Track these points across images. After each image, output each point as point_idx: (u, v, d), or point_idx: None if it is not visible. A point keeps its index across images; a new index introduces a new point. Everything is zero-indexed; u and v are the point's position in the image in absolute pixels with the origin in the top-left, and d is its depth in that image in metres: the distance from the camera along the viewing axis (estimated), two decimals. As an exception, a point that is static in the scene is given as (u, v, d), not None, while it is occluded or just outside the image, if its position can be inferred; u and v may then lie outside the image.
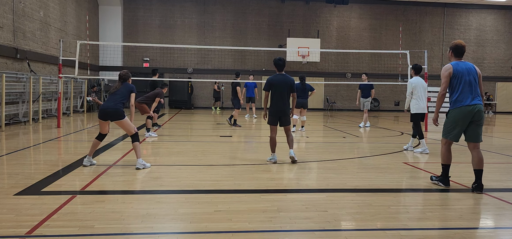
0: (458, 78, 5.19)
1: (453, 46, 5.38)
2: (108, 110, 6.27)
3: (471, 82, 5.17)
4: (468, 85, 5.16)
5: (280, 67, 6.97)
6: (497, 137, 12.24)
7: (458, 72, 5.19)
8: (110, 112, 6.27)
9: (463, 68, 5.22)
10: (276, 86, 6.88)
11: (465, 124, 5.19)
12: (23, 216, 3.89)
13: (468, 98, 5.12)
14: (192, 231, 3.64)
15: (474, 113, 5.12)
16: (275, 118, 6.98)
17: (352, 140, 10.62)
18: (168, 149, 8.32)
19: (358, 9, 25.32)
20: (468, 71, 5.21)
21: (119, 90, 6.50)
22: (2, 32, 12.65)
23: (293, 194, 5.01)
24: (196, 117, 17.56)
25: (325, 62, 24.94)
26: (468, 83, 5.16)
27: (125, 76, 6.73)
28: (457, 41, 5.35)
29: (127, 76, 6.76)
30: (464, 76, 5.18)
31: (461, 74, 5.18)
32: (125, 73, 6.76)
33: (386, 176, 6.07)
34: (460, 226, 3.93)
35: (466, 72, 5.20)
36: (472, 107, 5.10)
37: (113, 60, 22.62)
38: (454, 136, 5.27)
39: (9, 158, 6.99)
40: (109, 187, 5.19)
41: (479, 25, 26.38)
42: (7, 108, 12.14)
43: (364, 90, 13.88)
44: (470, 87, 5.16)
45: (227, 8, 24.42)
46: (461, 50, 5.34)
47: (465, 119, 5.16)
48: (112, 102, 6.32)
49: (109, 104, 6.32)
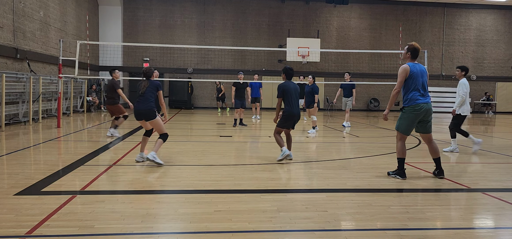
0: (413, 79, 5.66)
1: (411, 48, 5.78)
2: (141, 112, 6.66)
3: (423, 83, 5.72)
4: (421, 86, 5.69)
5: (290, 76, 7.27)
6: (497, 137, 12.25)
7: (414, 73, 5.67)
8: (142, 113, 6.66)
9: (418, 70, 5.71)
10: (289, 92, 7.09)
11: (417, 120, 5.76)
12: (23, 216, 3.89)
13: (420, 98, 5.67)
14: (192, 231, 3.64)
15: (426, 111, 5.68)
16: (290, 123, 7.18)
17: (352, 140, 10.62)
18: (168, 149, 8.32)
19: (358, 9, 25.33)
20: (421, 73, 5.73)
21: (147, 90, 6.74)
22: (2, 32, 12.65)
23: (293, 194, 5.01)
24: (196, 118, 17.57)
25: (325, 62, 24.95)
26: (421, 84, 5.70)
27: (148, 73, 6.92)
28: (414, 43, 5.78)
29: (150, 72, 6.94)
30: (418, 78, 5.68)
31: (416, 75, 5.67)
32: (148, 70, 6.94)
33: (386, 176, 6.06)
34: (460, 226, 3.93)
35: (420, 74, 5.71)
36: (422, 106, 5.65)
37: (113, 60, 22.62)
38: (408, 131, 5.82)
39: (9, 158, 6.99)
40: (109, 187, 5.19)
41: (479, 25, 26.38)
42: (7, 108, 12.14)
43: (346, 89, 13.88)
44: (423, 88, 5.70)
45: (227, 8, 24.42)
46: (417, 53, 5.80)
47: (418, 116, 5.70)
48: (143, 103, 6.66)
49: (141, 106, 6.66)
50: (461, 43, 26.35)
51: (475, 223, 4.12)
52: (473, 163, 7.48)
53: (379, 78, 24.41)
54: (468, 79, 26.13)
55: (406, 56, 5.86)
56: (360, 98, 25.04)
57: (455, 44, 26.28)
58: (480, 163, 7.46)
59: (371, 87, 25.19)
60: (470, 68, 26.65)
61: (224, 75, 23.70)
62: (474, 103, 26.67)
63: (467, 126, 16.14)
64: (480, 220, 4.27)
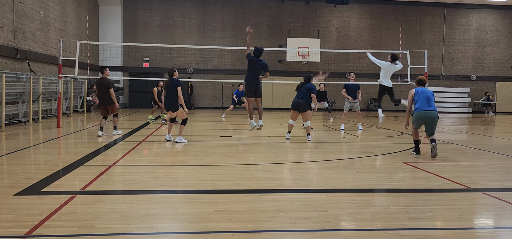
0: (418, 96, 7.93)
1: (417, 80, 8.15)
2: (168, 105, 9.00)
3: (428, 97, 7.84)
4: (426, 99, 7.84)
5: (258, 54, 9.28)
6: (497, 137, 12.25)
7: (418, 92, 7.97)
8: (169, 105, 8.96)
9: (422, 90, 7.97)
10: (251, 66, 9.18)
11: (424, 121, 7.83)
12: (23, 216, 3.89)
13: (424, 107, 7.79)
14: (192, 231, 3.64)
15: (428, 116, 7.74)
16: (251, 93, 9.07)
17: (352, 140, 10.62)
18: (168, 149, 8.32)
19: (358, 9, 25.33)
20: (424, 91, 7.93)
21: (169, 87, 8.88)
22: (2, 32, 12.65)
23: (293, 194, 5.00)
24: (196, 118, 17.56)
25: (325, 62, 24.94)
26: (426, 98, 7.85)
27: (170, 71, 8.99)
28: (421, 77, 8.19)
29: (172, 71, 8.97)
30: (423, 94, 7.89)
31: (420, 93, 7.93)
32: (170, 69, 8.98)
33: (386, 176, 6.07)
34: (460, 226, 3.93)
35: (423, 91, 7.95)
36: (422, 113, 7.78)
37: (113, 60, 22.63)
38: (417, 126, 7.99)
39: (9, 158, 6.99)
40: (109, 187, 5.19)
41: (479, 25, 26.38)
42: (7, 108, 12.14)
43: (352, 91, 13.00)
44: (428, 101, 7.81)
45: (227, 8, 24.42)
46: (423, 83, 8.12)
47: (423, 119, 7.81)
48: (168, 98, 8.93)
49: (167, 101, 8.98)
50: (461, 43, 26.35)
51: (475, 223, 4.12)
52: (473, 163, 7.48)
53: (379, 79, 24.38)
54: (468, 79, 26.31)
55: (415, 85, 8.21)
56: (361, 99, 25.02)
57: (455, 44, 26.28)
58: (480, 163, 7.46)
59: (371, 87, 25.16)
60: (470, 68, 26.66)
61: (224, 75, 23.70)
62: (474, 103, 26.68)
63: (467, 126, 16.15)
64: (480, 220, 4.27)
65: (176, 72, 8.99)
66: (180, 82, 8.90)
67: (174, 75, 8.95)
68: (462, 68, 26.44)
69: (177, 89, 8.77)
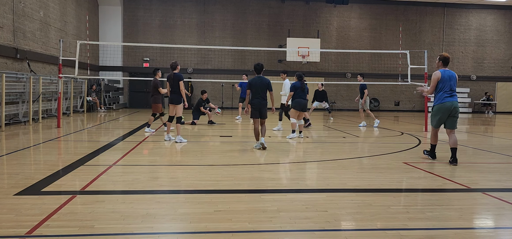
0: (444, 83, 6.84)
1: (442, 58, 6.99)
2: (173, 98, 9.03)
3: (451, 86, 6.85)
4: (449, 88, 6.84)
5: (258, 71, 8.51)
6: (497, 137, 12.25)
7: (444, 78, 6.85)
8: (173, 98, 9.03)
9: (447, 75, 6.87)
10: (254, 86, 8.33)
11: (447, 115, 6.93)
12: (23, 216, 3.89)
13: (448, 97, 6.85)
14: (192, 231, 3.64)
15: (452, 107, 6.85)
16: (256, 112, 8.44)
17: (352, 140, 10.62)
18: (168, 149, 8.32)
19: (358, 9, 25.33)
20: (449, 77, 6.87)
21: (173, 82, 8.94)
22: (2, 32, 12.65)
23: (293, 194, 5.00)
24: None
25: (325, 62, 24.95)
26: (449, 87, 6.84)
27: (172, 65, 9.07)
28: (444, 53, 7.01)
29: (175, 64, 9.05)
30: (447, 82, 6.85)
31: (446, 80, 6.85)
32: (173, 63, 9.07)
33: (386, 176, 6.07)
34: (460, 226, 3.93)
35: (448, 78, 6.87)
36: (450, 104, 6.83)
37: (113, 60, 22.62)
38: (438, 125, 7.11)
39: (9, 158, 6.99)
40: (109, 187, 5.19)
41: (479, 25, 26.38)
42: (7, 108, 12.14)
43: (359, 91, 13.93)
44: (451, 90, 6.85)
45: (227, 8, 24.42)
46: (448, 61, 6.99)
47: (447, 112, 6.89)
48: (173, 91, 9.01)
49: (172, 95, 9.03)
50: (461, 43, 26.35)
51: (475, 223, 4.12)
52: (473, 163, 7.48)
53: (379, 78, 24.41)
54: (468, 79, 26.33)
55: (438, 64, 7.05)
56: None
57: (455, 44, 26.28)
58: (480, 163, 7.46)
59: (371, 87, 25.13)
60: (470, 68, 26.66)
61: (224, 75, 23.70)
62: (474, 103, 26.68)
63: (467, 126, 16.15)
64: (480, 220, 4.27)
65: (178, 66, 9.12)
66: (183, 76, 9.04)
67: (177, 69, 9.08)
68: (462, 68, 26.44)
69: (179, 83, 8.90)
